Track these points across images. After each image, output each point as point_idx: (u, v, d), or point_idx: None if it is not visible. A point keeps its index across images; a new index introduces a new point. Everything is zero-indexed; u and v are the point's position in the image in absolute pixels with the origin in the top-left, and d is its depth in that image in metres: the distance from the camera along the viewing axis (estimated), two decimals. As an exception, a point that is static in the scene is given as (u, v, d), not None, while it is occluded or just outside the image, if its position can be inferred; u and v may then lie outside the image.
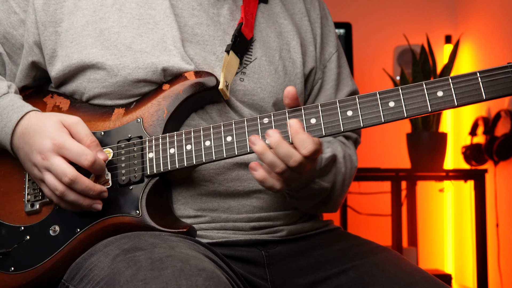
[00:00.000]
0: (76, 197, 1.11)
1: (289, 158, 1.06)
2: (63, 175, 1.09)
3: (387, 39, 3.49)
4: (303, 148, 1.06)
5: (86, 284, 1.01)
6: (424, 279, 1.16)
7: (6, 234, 1.21)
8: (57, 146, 1.10)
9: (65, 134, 1.11)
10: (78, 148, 1.10)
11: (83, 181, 1.09)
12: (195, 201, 1.19)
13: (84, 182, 1.09)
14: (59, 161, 1.10)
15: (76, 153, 1.09)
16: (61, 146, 1.10)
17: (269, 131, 1.07)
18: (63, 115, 1.15)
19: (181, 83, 1.18)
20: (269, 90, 1.26)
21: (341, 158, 1.30)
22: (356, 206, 3.21)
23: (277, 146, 1.06)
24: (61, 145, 1.10)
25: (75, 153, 1.09)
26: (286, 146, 1.06)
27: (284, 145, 1.06)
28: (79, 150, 1.09)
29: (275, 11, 1.36)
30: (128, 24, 1.21)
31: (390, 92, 1.07)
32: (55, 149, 1.10)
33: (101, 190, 1.12)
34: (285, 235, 1.25)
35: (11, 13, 1.26)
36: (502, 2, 3.16)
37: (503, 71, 1.03)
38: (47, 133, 1.11)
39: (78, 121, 1.14)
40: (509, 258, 3.03)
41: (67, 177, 1.08)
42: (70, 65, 1.21)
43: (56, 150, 1.10)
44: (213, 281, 0.92)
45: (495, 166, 3.09)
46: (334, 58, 1.41)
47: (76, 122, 1.14)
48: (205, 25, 1.25)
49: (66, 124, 1.13)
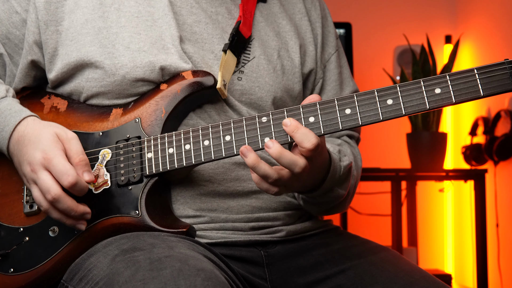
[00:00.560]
0: (59, 216, 1.11)
1: (295, 165, 1.05)
2: (47, 192, 1.08)
3: (387, 39, 3.49)
4: (307, 141, 1.05)
5: (85, 285, 1.01)
6: (423, 279, 1.16)
7: (5, 236, 1.20)
8: (46, 160, 1.09)
9: (57, 150, 1.10)
10: (63, 167, 1.08)
11: (66, 201, 1.08)
12: (194, 201, 1.19)
13: (66, 202, 1.08)
14: (46, 177, 1.09)
15: (60, 171, 1.08)
16: (49, 161, 1.09)
17: (268, 143, 1.06)
18: (60, 128, 1.15)
19: (178, 82, 1.18)
20: (267, 89, 1.26)
21: (353, 162, 1.31)
22: (356, 206, 3.21)
23: (279, 157, 1.05)
24: (49, 161, 1.09)
25: (58, 171, 1.08)
26: (289, 154, 1.05)
27: (287, 154, 1.05)
28: (63, 169, 1.08)
29: (274, 11, 1.36)
30: (127, 24, 1.21)
31: (388, 89, 1.07)
32: (43, 163, 1.09)
33: (83, 212, 1.11)
34: (284, 235, 1.25)
35: (13, 13, 1.26)
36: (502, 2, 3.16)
37: (500, 68, 1.03)
38: (40, 145, 1.11)
39: (73, 137, 1.13)
40: (509, 258, 3.03)
41: (50, 194, 1.08)
42: (69, 63, 1.21)
43: (45, 164, 1.09)
44: (212, 281, 0.92)
45: (495, 166, 3.09)
46: (334, 58, 1.41)
47: (71, 138, 1.13)
48: (204, 23, 1.25)
49: (61, 138, 1.13)
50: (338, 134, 1.39)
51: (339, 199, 1.27)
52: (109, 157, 1.17)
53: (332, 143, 1.31)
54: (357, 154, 1.37)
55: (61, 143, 1.12)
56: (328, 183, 1.20)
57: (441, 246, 3.55)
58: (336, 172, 1.21)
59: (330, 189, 1.22)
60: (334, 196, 1.25)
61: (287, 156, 1.05)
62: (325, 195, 1.23)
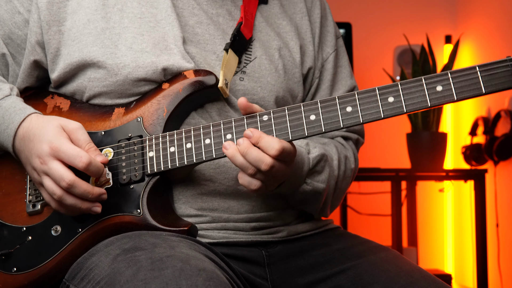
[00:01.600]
0: (75, 201, 1.10)
1: (261, 162, 1.07)
2: (61, 180, 1.08)
3: (387, 39, 3.49)
4: (270, 148, 1.06)
5: (86, 284, 1.01)
6: (423, 278, 1.16)
7: (8, 235, 1.21)
8: (54, 150, 1.10)
9: (63, 138, 1.11)
10: (73, 151, 1.09)
11: (81, 185, 1.09)
12: (195, 201, 1.19)
13: (82, 186, 1.09)
14: (57, 166, 1.09)
15: (71, 155, 1.08)
16: (57, 150, 1.09)
17: (239, 140, 1.08)
18: (64, 120, 1.15)
19: (180, 81, 1.19)
20: (269, 89, 1.27)
21: (335, 161, 1.30)
22: (356, 206, 3.21)
23: (246, 153, 1.07)
24: (58, 149, 1.09)
25: (70, 156, 1.09)
26: (255, 151, 1.07)
27: (254, 151, 1.07)
28: (74, 152, 1.09)
29: (274, 12, 1.37)
30: (130, 25, 1.21)
31: (389, 87, 1.07)
32: (52, 153, 1.10)
33: (100, 193, 1.12)
34: (285, 235, 1.25)
35: (15, 13, 1.26)
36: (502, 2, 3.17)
37: (502, 65, 1.03)
38: (45, 137, 1.11)
39: (78, 127, 1.14)
40: (509, 258, 3.03)
41: (65, 181, 1.08)
42: (71, 63, 1.21)
43: (54, 154, 1.10)
44: (213, 281, 0.92)
45: (495, 166, 3.09)
46: (331, 58, 1.41)
47: (77, 128, 1.13)
48: (205, 25, 1.26)
49: (67, 129, 1.13)
50: (331, 135, 1.39)
51: (321, 194, 1.26)
52: (111, 156, 1.18)
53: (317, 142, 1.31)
54: (349, 156, 1.35)
55: (66, 133, 1.13)
56: (296, 174, 1.19)
57: (441, 246, 3.56)
58: (303, 164, 1.20)
59: (303, 182, 1.22)
60: (311, 189, 1.24)
61: (254, 153, 1.07)
62: (300, 190, 1.22)
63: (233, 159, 1.09)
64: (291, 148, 1.10)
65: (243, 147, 1.08)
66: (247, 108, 1.12)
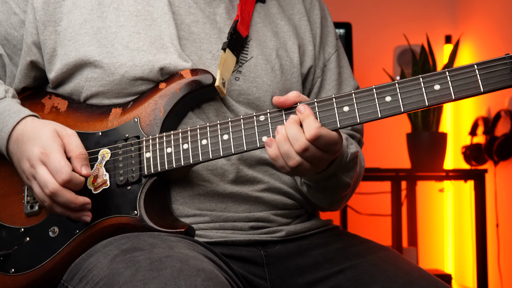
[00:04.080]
0: (62, 210, 1.11)
1: (296, 141, 1.05)
2: (45, 187, 1.09)
3: (387, 39, 3.49)
4: (307, 131, 1.05)
5: (85, 285, 1.01)
6: (423, 278, 1.16)
7: (6, 236, 1.21)
8: (44, 155, 1.10)
9: (56, 145, 1.11)
10: (58, 164, 1.09)
11: (64, 194, 1.09)
12: (193, 201, 1.19)
13: (65, 195, 1.09)
14: (43, 171, 1.09)
15: (55, 167, 1.09)
16: (47, 156, 1.10)
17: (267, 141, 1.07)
18: (59, 125, 1.15)
19: (177, 81, 1.18)
20: (265, 89, 1.27)
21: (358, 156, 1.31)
22: (356, 206, 3.21)
23: (287, 126, 1.06)
24: (47, 155, 1.10)
25: (53, 167, 1.09)
26: (295, 128, 1.06)
27: (294, 127, 1.06)
28: (58, 165, 1.09)
29: (272, 12, 1.37)
30: (126, 23, 1.21)
31: (387, 86, 1.06)
32: (41, 158, 1.10)
33: (84, 202, 1.11)
34: (284, 235, 1.25)
35: (11, 14, 1.26)
36: (502, 2, 3.16)
37: (501, 63, 1.01)
38: (39, 141, 1.11)
39: (72, 134, 1.14)
40: (509, 258, 3.03)
41: (48, 189, 1.08)
42: (68, 63, 1.21)
43: (42, 159, 1.10)
44: (212, 281, 0.92)
45: (495, 166, 3.09)
46: (334, 58, 1.41)
47: (70, 134, 1.14)
48: (202, 23, 1.26)
49: (61, 134, 1.13)
50: None
51: (343, 189, 1.27)
52: (108, 157, 1.18)
53: None
54: (360, 153, 1.37)
55: (60, 139, 1.13)
56: (335, 165, 1.18)
57: (441, 246, 3.55)
58: (343, 156, 1.20)
59: (334, 174, 1.21)
60: (339, 183, 1.24)
61: (294, 129, 1.05)
62: (330, 180, 1.22)
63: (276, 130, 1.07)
64: (334, 139, 1.07)
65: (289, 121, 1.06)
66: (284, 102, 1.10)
